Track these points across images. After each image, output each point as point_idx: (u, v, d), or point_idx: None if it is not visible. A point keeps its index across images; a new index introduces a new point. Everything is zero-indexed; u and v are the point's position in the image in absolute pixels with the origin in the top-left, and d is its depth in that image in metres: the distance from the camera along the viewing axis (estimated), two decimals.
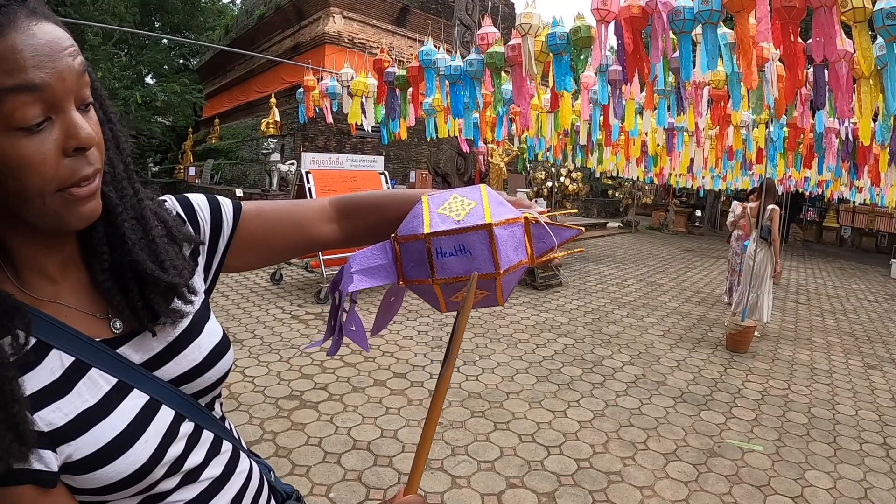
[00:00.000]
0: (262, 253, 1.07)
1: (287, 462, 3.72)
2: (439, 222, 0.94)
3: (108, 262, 0.81)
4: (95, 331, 0.81)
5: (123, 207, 0.81)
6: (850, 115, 3.96)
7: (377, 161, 9.51)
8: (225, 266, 1.04)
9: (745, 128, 6.75)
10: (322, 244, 1.13)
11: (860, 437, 4.73)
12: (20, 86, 0.63)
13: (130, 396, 0.80)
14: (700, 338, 7.47)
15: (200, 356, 0.91)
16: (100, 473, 0.74)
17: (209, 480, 0.91)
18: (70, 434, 0.73)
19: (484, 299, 0.97)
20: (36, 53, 0.65)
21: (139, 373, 0.83)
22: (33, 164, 0.66)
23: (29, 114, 0.65)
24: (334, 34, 16.64)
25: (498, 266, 0.91)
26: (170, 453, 0.83)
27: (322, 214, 1.12)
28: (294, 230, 1.09)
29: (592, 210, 27.43)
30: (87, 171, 0.72)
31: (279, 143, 16.24)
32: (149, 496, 0.83)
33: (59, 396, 0.73)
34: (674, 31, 3.59)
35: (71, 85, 0.69)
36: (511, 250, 0.94)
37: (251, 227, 1.04)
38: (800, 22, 3.38)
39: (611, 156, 10.11)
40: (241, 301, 7.74)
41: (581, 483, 3.73)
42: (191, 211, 0.98)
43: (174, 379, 0.88)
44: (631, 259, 14.87)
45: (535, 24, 4.08)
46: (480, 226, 0.92)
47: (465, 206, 0.96)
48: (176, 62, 27.55)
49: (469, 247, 0.92)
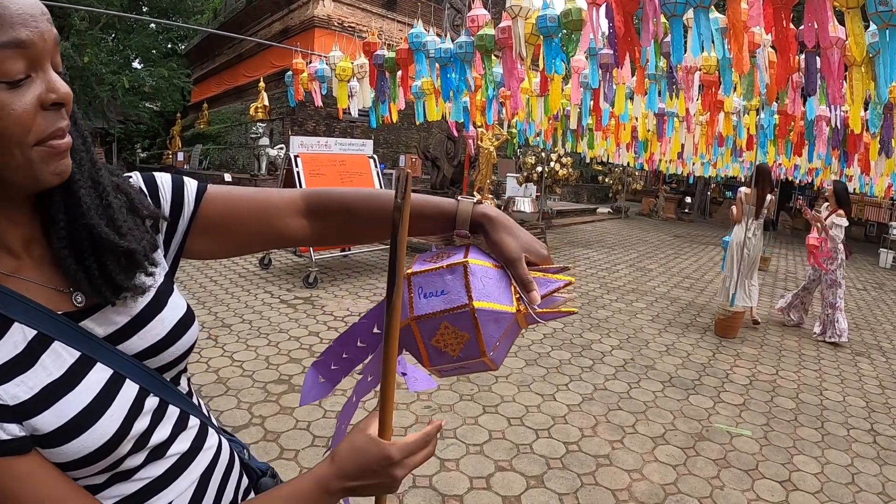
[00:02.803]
0: (225, 239, 1.04)
1: (275, 446, 3.70)
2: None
3: (65, 229, 0.80)
4: (57, 304, 0.80)
5: (81, 175, 0.82)
6: (841, 102, 3.96)
7: (366, 145, 9.45)
8: (187, 250, 1.01)
9: (736, 114, 6.75)
10: (289, 239, 1.08)
11: (847, 423, 4.76)
12: (8, 42, 0.67)
13: (94, 370, 0.79)
14: (689, 323, 7.49)
15: (164, 330, 0.90)
16: (66, 448, 0.74)
17: (176, 456, 0.90)
18: (36, 408, 0.72)
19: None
20: (22, 13, 0.69)
21: (102, 346, 0.82)
22: (15, 115, 0.69)
23: (14, 68, 0.68)
24: (324, 17, 16.52)
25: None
26: (135, 428, 0.82)
27: (291, 207, 1.07)
28: (259, 218, 1.05)
29: (582, 195, 27.48)
30: (61, 124, 0.74)
31: (268, 128, 16.16)
32: (115, 474, 0.82)
33: (22, 370, 0.72)
34: (665, 15, 3.56)
35: (50, 46, 0.73)
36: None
37: (214, 208, 1.01)
38: (792, 7, 3.37)
39: (601, 141, 10.10)
40: (229, 286, 7.70)
41: (569, 466, 3.73)
42: (153, 187, 0.97)
43: (138, 353, 0.86)
44: (620, 244, 14.89)
45: (525, 7, 4.05)
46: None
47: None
48: (164, 47, 27.25)
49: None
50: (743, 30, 3.50)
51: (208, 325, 5.95)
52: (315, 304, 7.01)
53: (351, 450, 0.87)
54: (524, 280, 0.92)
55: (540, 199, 14.92)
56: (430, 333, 0.91)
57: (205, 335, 5.58)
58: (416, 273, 0.92)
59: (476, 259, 0.92)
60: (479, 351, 0.90)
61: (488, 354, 0.90)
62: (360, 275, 8.79)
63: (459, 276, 0.90)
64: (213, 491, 0.97)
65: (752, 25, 3.47)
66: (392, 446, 0.86)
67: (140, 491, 0.84)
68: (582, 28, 3.91)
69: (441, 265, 0.91)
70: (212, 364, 4.92)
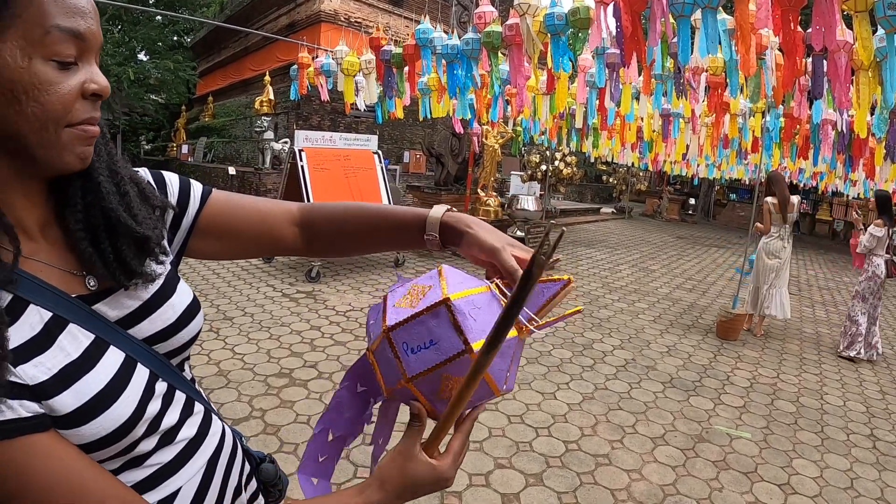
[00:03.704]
0: (224, 242, 1.09)
1: (275, 439, 3.71)
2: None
3: (82, 211, 0.83)
4: (71, 287, 0.81)
5: (100, 164, 0.85)
6: (847, 105, 3.95)
7: (371, 140, 9.44)
8: (189, 248, 1.06)
9: (742, 116, 6.73)
10: (284, 247, 1.15)
11: (847, 428, 4.75)
12: (70, 29, 0.73)
13: (109, 352, 0.80)
14: (690, 324, 7.49)
15: (174, 315, 0.92)
16: (84, 429, 0.74)
17: (185, 441, 0.90)
18: (54, 389, 0.72)
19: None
20: (86, 7, 0.76)
21: (115, 330, 0.83)
22: (59, 93, 0.73)
23: (67, 51, 0.74)
24: (330, 12, 16.50)
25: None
26: (149, 410, 0.82)
27: (287, 216, 1.14)
28: (259, 223, 1.11)
29: (586, 195, 27.47)
30: (95, 114, 0.79)
31: (273, 122, 16.13)
32: (128, 460, 0.82)
33: (40, 351, 0.73)
34: (673, 15, 3.55)
35: (98, 43, 0.79)
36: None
37: (217, 209, 1.07)
38: (800, 10, 3.36)
39: (606, 140, 10.09)
40: (232, 279, 7.71)
41: (569, 465, 3.74)
42: (161, 183, 1.02)
43: (148, 338, 0.88)
44: (623, 245, 14.88)
45: (533, 4, 4.04)
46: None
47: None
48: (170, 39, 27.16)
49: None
50: (751, 31, 3.49)
51: (210, 318, 5.95)
52: (317, 298, 7.02)
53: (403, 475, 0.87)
54: (510, 269, 0.88)
55: (544, 198, 14.91)
56: (432, 390, 0.84)
57: (206, 328, 5.58)
58: (395, 327, 0.83)
59: (457, 291, 0.83)
60: (492, 392, 0.84)
61: (501, 390, 0.85)
62: (363, 270, 8.80)
63: (445, 320, 0.81)
64: (220, 476, 0.97)
65: (759, 27, 3.45)
66: (447, 467, 0.88)
67: (150, 477, 0.85)
68: (589, 26, 3.90)
69: (419, 310, 0.83)
70: (213, 356, 4.92)
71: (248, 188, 13.62)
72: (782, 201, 7.01)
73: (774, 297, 7.17)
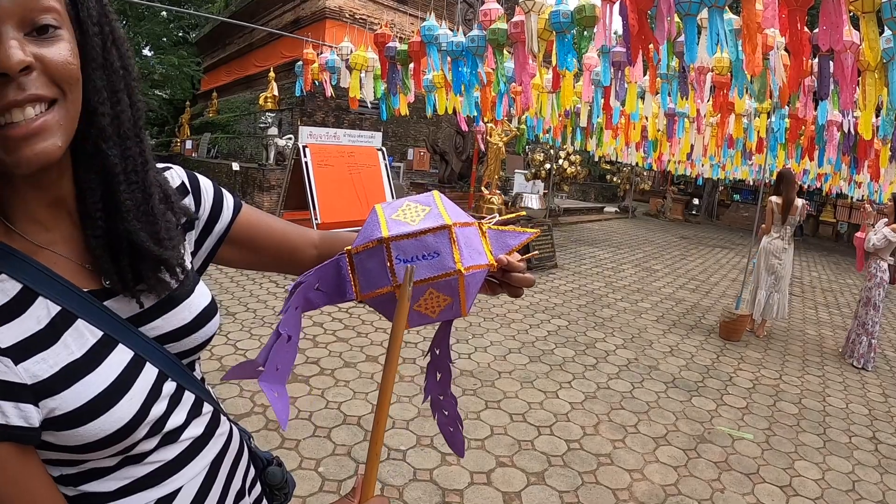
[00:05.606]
0: (249, 252, 1.11)
1: (276, 435, 3.71)
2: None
3: (102, 228, 0.78)
4: (84, 281, 0.79)
5: (124, 170, 0.78)
6: (853, 107, 3.93)
7: (375, 136, 9.43)
8: (218, 255, 1.07)
9: (747, 116, 6.71)
10: (301, 267, 1.13)
11: (850, 430, 4.74)
12: None
13: (116, 351, 0.77)
14: (693, 324, 7.48)
15: (190, 316, 0.90)
16: (83, 430, 0.72)
17: (189, 441, 0.89)
18: (55, 387, 0.70)
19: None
20: None
21: (125, 328, 0.80)
22: None
23: None
24: (335, 9, 16.48)
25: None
26: (153, 412, 0.80)
27: (309, 240, 1.18)
28: (282, 240, 1.14)
29: (590, 194, 27.40)
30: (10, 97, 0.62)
31: (277, 118, 16.13)
32: (127, 456, 0.81)
33: (44, 347, 0.70)
34: (679, 14, 3.54)
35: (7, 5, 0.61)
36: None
37: (246, 221, 1.08)
38: (807, 10, 3.35)
39: (610, 139, 10.07)
40: (234, 274, 7.71)
41: (570, 464, 3.73)
42: (196, 186, 1.01)
43: (160, 337, 0.86)
44: (627, 244, 14.86)
45: (538, 2, 4.03)
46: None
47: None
48: (174, 34, 27.17)
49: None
50: (757, 31, 3.47)
51: None
52: None
53: None
54: None
55: (547, 197, 14.90)
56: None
57: None
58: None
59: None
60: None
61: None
62: None
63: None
64: (223, 478, 0.96)
65: (766, 27, 3.44)
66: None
67: (151, 474, 0.84)
68: (595, 25, 3.89)
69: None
70: (215, 352, 4.92)
71: (252, 184, 13.59)
72: (786, 203, 6.96)
73: (775, 302, 7.14)
